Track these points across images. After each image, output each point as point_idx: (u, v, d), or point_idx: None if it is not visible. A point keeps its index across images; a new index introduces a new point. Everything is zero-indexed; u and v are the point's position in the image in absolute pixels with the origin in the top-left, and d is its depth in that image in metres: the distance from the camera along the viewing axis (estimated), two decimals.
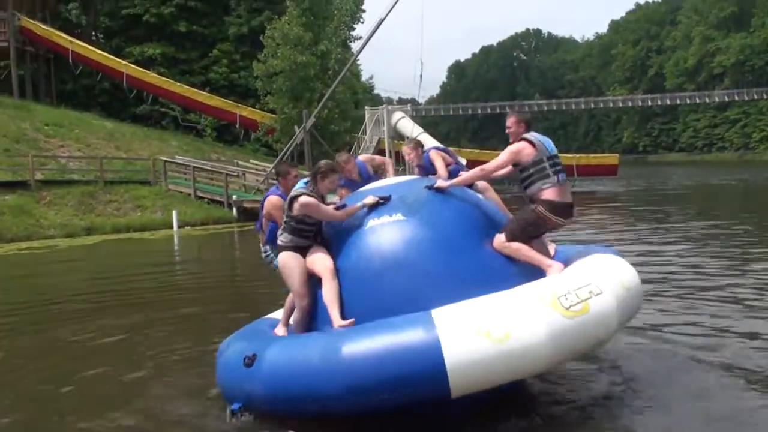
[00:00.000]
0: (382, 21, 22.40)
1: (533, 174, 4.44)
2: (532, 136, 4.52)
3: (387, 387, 3.60)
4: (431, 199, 4.56)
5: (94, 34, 41.18)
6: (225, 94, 36.04)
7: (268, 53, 30.42)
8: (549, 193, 4.39)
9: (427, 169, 5.45)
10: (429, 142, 22.66)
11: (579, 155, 35.85)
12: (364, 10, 35.10)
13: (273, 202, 4.98)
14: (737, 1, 75.18)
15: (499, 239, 4.40)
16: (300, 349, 3.98)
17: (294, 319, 4.58)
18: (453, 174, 5.24)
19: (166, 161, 24.66)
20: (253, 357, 4.06)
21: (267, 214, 5.05)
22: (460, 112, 69.46)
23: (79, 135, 27.26)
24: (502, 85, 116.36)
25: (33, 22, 34.33)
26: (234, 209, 22.45)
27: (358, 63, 43.02)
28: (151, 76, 34.48)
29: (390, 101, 51.05)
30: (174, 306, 8.67)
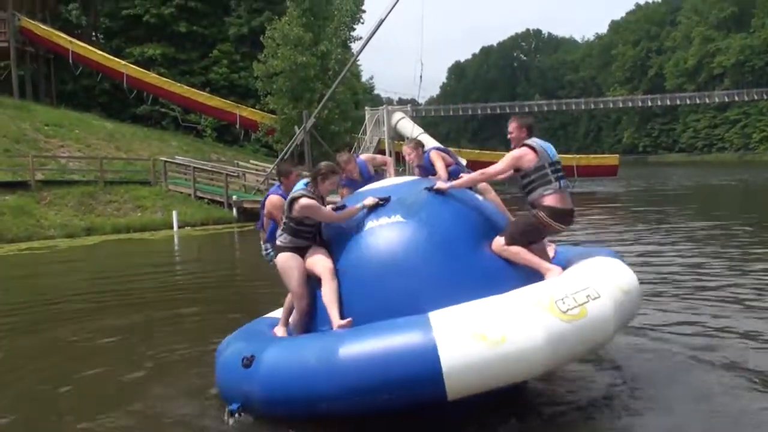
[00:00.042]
0: (382, 21, 22.40)
1: (535, 180, 4.44)
2: (534, 141, 4.52)
3: (384, 389, 3.61)
4: (431, 200, 4.56)
5: (94, 34, 41.19)
6: (225, 95, 36.03)
7: (269, 54, 30.41)
8: (551, 200, 4.40)
9: (427, 169, 5.44)
10: (429, 142, 22.66)
11: (579, 156, 35.84)
12: (364, 11, 35.11)
13: (274, 201, 5.01)
14: (737, 2, 75.21)
15: (498, 242, 4.40)
16: (297, 350, 3.99)
17: (293, 319, 4.60)
18: (453, 175, 5.23)
19: (166, 161, 24.66)
20: (251, 358, 4.07)
21: (268, 213, 5.09)
22: (460, 113, 69.46)
23: (79, 135, 27.25)
24: (502, 86, 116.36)
25: (33, 22, 34.32)
26: (234, 210, 22.43)
27: (358, 63, 43.08)
28: (151, 77, 34.47)
29: (390, 102, 51.07)
30: (174, 306, 8.67)
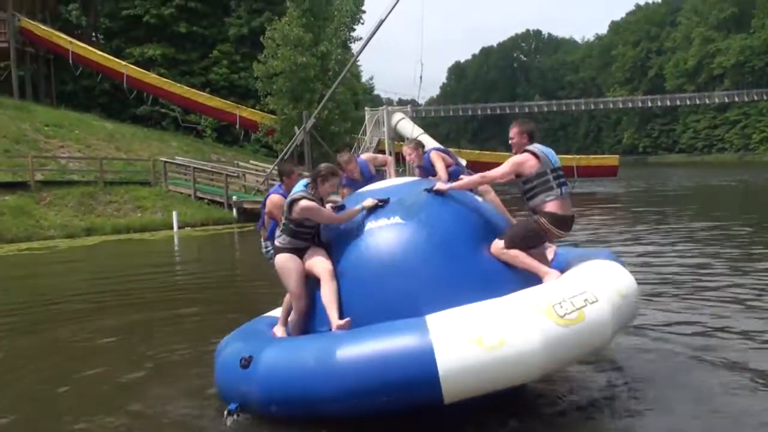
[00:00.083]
0: (382, 22, 22.38)
1: (536, 186, 4.45)
2: (536, 148, 4.52)
3: (381, 392, 3.62)
4: (430, 202, 4.56)
5: (94, 35, 41.20)
6: (225, 95, 36.05)
7: (268, 54, 30.41)
8: (552, 206, 4.41)
9: (427, 169, 5.44)
10: (429, 143, 22.64)
11: (579, 156, 35.82)
12: (364, 11, 35.16)
13: (275, 201, 5.04)
14: (737, 2, 75.21)
15: (497, 245, 4.41)
16: (295, 351, 4.00)
17: (291, 319, 4.62)
18: (453, 175, 5.23)
19: (166, 162, 24.65)
20: (249, 359, 4.08)
21: (269, 213, 5.14)
22: (460, 113, 69.46)
23: (79, 136, 27.26)
24: (502, 86, 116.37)
25: (33, 22, 34.33)
26: (234, 210, 22.43)
27: (358, 64, 43.08)
28: (151, 77, 34.48)
29: (390, 102, 51.17)
30: (174, 306, 8.66)
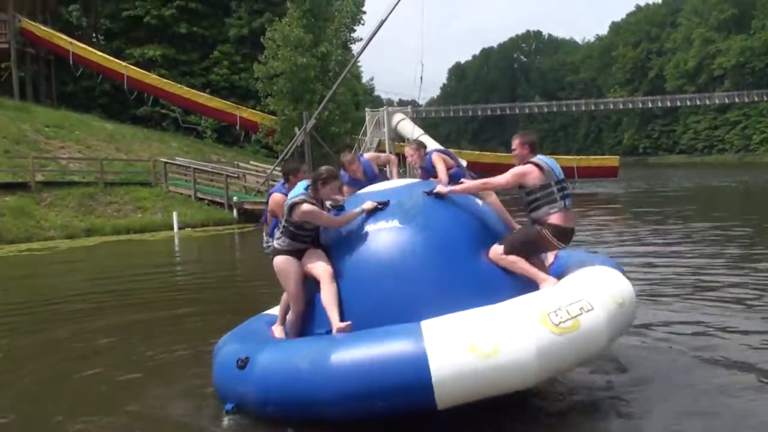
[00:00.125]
0: (382, 23, 22.39)
1: (540, 198, 4.46)
2: (540, 160, 4.53)
3: (374, 396, 3.63)
4: (429, 205, 4.56)
5: (94, 35, 41.25)
6: (225, 96, 36.05)
7: (269, 55, 30.39)
8: (556, 218, 4.43)
9: (429, 170, 5.43)
10: (430, 144, 22.64)
11: (579, 157, 35.85)
12: (365, 12, 34.97)
13: (277, 200, 5.05)
14: (737, 3, 75.19)
15: (496, 250, 4.41)
16: (291, 354, 4.02)
17: (289, 319, 4.66)
18: (455, 177, 5.23)
19: (166, 163, 24.66)
20: (246, 360, 4.10)
21: (271, 211, 5.17)
22: (461, 114, 69.54)
23: (80, 136, 27.26)
24: (502, 87, 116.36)
25: (34, 23, 34.35)
26: (234, 211, 22.44)
27: (359, 65, 43.03)
28: (151, 78, 34.48)
29: (390, 103, 51.18)
30: (174, 306, 8.66)
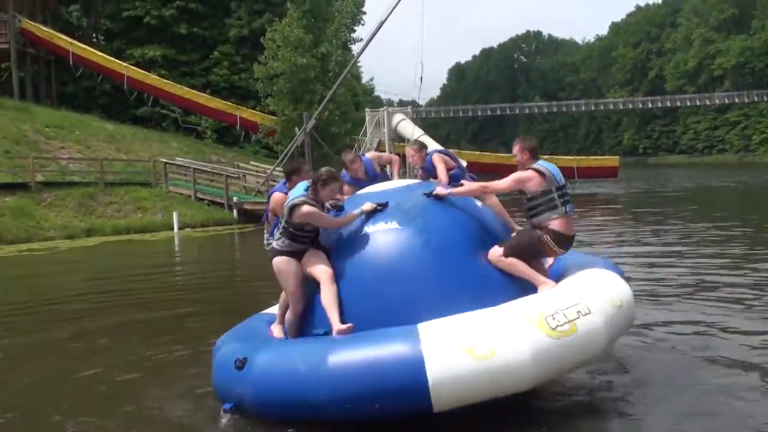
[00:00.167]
0: (382, 23, 22.38)
1: (541, 204, 4.47)
2: (541, 166, 4.54)
3: (371, 398, 3.63)
4: (428, 207, 4.56)
5: (94, 36, 41.24)
6: (225, 96, 36.04)
7: (269, 55, 30.39)
8: (557, 224, 4.44)
9: (430, 171, 5.43)
10: (430, 144, 22.61)
11: (579, 157, 35.87)
12: (365, 12, 34.90)
13: (277, 199, 5.06)
14: (737, 3, 75.21)
15: (495, 252, 4.41)
16: (288, 355, 4.03)
17: (288, 319, 4.68)
18: (455, 178, 5.23)
19: (166, 163, 24.65)
20: (244, 360, 4.11)
21: (272, 210, 5.17)
22: (461, 114, 69.68)
23: (80, 137, 27.25)
24: (502, 87, 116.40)
25: (34, 24, 34.32)
26: (234, 211, 22.43)
27: (359, 65, 43.02)
28: (151, 78, 34.47)
29: (390, 103, 51.14)
30: (173, 306, 8.66)
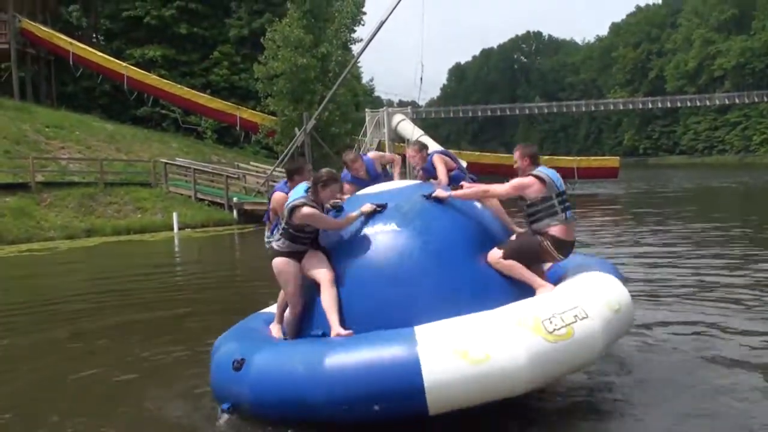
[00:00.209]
0: (382, 23, 22.37)
1: (541, 210, 4.47)
2: (542, 172, 4.53)
3: (366, 401, 3.63)
4: (427, 208, 4.55)
5: (94, 36, 41.25)
6: (225, 96, 36.04)
7: (269, 55, 30.39)
8: (557, 230, 4.44)
9: (430, 172, 5.42)
10: (430, 145, 22.54)
11: (579, 158, 35.87)
12: (365, 13, 34.93)
13: (278, 199, 5.07)
14: (737, 4, 75.17)
15: (494, 254, 4.41)
16: (286, 357, 4.03)
17: (287, 320, 4.70)
18: (455, 179, 5.22)
19: (166, 163, 24.65)
20: (242, 361, 4.11)
21: (273, 209, 5.17)
22: (461, 115, 69.73)
23: (80, 137, 27.26)
24: (502, 88, 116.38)
25: (34, 24, 34.35)
26: (234, 211, 22.42)
27: (359, 65, 43.01)
28: (151, 78, 34.48)
29: (390, 103, 51.13)
30: (173, 307, 8.66)
